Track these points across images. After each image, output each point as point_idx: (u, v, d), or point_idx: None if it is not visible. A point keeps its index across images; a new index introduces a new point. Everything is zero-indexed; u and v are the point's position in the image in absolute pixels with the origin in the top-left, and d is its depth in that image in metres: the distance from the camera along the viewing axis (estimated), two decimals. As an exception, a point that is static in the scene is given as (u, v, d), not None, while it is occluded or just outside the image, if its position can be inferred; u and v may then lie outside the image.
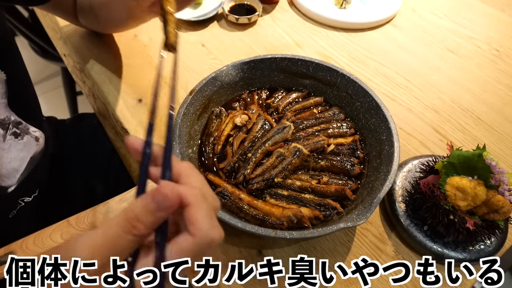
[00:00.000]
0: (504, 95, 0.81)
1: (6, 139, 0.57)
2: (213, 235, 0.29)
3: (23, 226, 0.63)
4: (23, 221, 0.63)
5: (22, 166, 0.61)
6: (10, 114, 0.58)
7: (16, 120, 0.59)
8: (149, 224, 0.28)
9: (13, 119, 0.59)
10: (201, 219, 0.28)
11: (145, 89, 0.77)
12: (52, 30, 0.96)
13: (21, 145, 0.60)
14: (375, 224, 0.60)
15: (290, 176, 0.59)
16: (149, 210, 0.28)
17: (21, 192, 0.62)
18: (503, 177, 0.50)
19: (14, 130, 0.59)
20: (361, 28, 0.95)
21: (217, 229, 0.29)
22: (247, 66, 0.68)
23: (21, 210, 0.62)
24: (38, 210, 0.66)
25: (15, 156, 0.59)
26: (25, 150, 0.61)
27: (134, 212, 0.27)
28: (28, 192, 0.63)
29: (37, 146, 0.64)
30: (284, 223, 0.52)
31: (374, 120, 0.62)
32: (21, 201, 0.62)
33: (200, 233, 0.28)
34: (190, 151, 0.60)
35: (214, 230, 0.29)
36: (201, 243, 0.28)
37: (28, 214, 0.63)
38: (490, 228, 0.51)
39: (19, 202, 0.61)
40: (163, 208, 0.28)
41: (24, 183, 0.61)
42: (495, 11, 1.03)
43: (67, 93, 1.67)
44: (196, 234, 0.28)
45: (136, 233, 0.27)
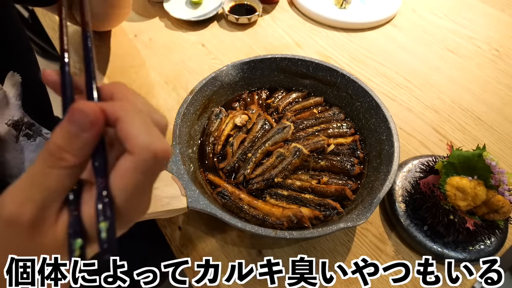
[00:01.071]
0: (504, 95, 0.81)
1: (19, 140, 0.58)
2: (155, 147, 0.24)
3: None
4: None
5: None
6: (23, 115, 0.59)
7: (29, 122, 0.60)
8: (78, 151, 0.24)
9: (26, 121, 0.59)
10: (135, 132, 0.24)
11: (145, 89, 0.77)
12: (52, 30, 0.96)
13: (33, 146, 0.60)
14: (375, 224, 0.60)
15: (290, 176, 0.59)
16: (70, 134, 0.23)
17: None
18: (503, 177, 0.50)
19: (27, 131, 0.59)
20: (361, 28, 0.95)
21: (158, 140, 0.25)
22: (247, 66, 0.68)
23: None
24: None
25: (28, 157, 0.60)
26: (37, 151, 0.62)
27: (55, 143, 0.23)
28: None
29: None
30: (284, 223, 0.52)
31: (374, 120, 0.62)
32: None
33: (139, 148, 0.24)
34: (190, 151, 0.60)
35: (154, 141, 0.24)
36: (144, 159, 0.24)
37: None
38: (490, 228, 0.51)
39: None
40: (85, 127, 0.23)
41: None
42: (495, 11, 1.03)
43: (67, 93, 1.67)
44: (135, 151, 0.24)
45: (64, 165, 0.23)
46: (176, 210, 0.49)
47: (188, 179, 0.51)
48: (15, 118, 0.57)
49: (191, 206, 0.49)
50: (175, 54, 0.85)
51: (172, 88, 0.78)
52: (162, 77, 0.80)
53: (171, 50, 0.86)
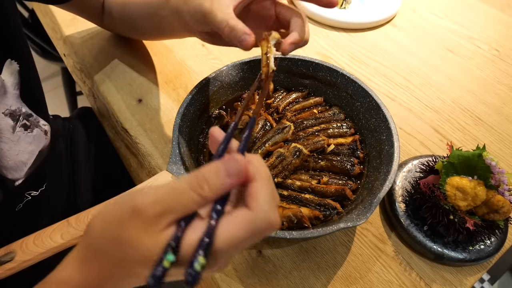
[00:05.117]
0: (504, 95, 0.81)
1: (15, 130, 0.56)
2: (272, 216, 0.27)
3: (29, 220, 0.64)
4: (30, 215, 0.63)
5: (30, 160, 0.60)
6: (21, 105, 0.57)
7: (27, 112, 0.59)
8: (214, 188, 0.27)
9: (24, 111, 0.58)
10: (263, 196, 0.28)
11: (145, 89, 0.77)
12: (52, 30, 0.96)
13: (30, 138, 0.59)
14: (375, 224, 0.60)
15: (290, 176, 0.59)
16: (218, 173, 0.27)
17: (29, 185, 0.61)
18: (503, 177, 0.50)
19: (24, 122, 0.58)
20: (361, 28, 0.95)
21: (275, 212, 0.28)
22: (247, 66, 0.68)
23: (28, 204, 0.61)
24: (44, 205, 0.66)
25: (24, 149, 0.59)
26: (34, 143, 0.61)
27: (203, 173, 0.27)
28: (35, 186, 0.63)
29: (46, 140, 0.64)
30: (284, 223, 0.52)
31: (374, 120, 0.62)
32: (28, 194, 0.61)
33: (259, 209, 0.27)
34: (190, 151, 0.60)
35: (273, 212, 0.28)
36: (258, 220, 0.27)
37: (34, 208, 0.64)
38: (490, 228, 0.51)
39: (26, 196, 0.61)
40: (232, 173, 0.27)
41: (31, 177, 0.61)
42: (495, 11, 1.03)
43: (67, 93, 1.67)
44: (254, 209, 0.27)
45: (200, 193, 0.27)
46: (176, 210, 0.49)
47: (188, 179, 0.51)
48: (13, 108, 0.55)
49: (191, 206, 0.49)
50: (175, 54, 0.85)
51: (172, 88, 0.78)
52: (162, 77, 0.80)
53: (171, 50, 0.86)
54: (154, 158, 0.66)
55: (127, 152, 0.73)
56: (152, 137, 0.69)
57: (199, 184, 0.27)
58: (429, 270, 0.55)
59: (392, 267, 0.55)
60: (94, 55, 0.83)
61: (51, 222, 0.45)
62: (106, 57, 0.83)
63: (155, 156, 0.66)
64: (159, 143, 0.68)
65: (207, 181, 0.27)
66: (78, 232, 0.45)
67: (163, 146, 0.68)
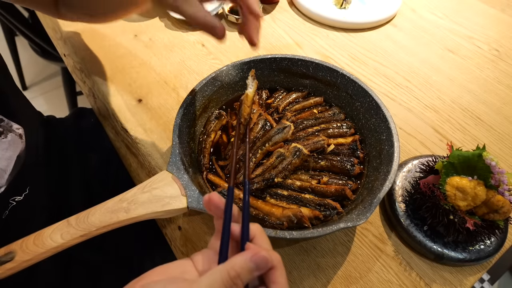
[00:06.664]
0: (504, 95, 0.81)
1: None
2: None
3: (18, 226, 0.62)
4: (18, 221, 0.62)
5: (9, 166, 0.59)
6: None
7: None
8: (245, 281, 0.32)
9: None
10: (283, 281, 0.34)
11: (145, 89, 0.77)
12: (52, 30, 0.96)
13: (6, 144, 0.58)
14: (375, 224, 0.60)
15: (290, 176, 0.59)
16: (249, 269, 0.32)
17: (11, 192, 0.60)
18: (503, 177, 0.50)
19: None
20: (361, 28, 0.95)
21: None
22: (247, 66, 0.68)
23: (14, 210, 0.60)
24: (31, 208, 0.65)
25: (1, 156, 0.57)
26: (10, 149, 0.59)
27: (235, 271, 0.32)
28: (18, 191, 0.61)
29: (22, 143, 0.62)
30: (284, 223, 0.52)
31: (374, 120, 0.62)
32: (12, 200, 0.60)
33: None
34: (190, 151, 0.60)
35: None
36: None
37: (22, 213, 0.62)
38: (490, 228, 0.51)
39: (10, 202, 0.60)
40: (261, 268, 0.33)
41: (13, 183, 0.59)
42: (495, 11, 1.03)
43: (67, 93, 1.67)
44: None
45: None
46: (176, 210, 0.49)
47: (188, 179, 0.51)
48: None
49: (191, 206, 0.49)
50: (175, 54, 0.85)
51: (172, 88, 0.78)
52: (162, 77, 0.80)
53: (171, 50, 0.86)
54: (154, 158, 0.66)
55: (127, 152, 0.73)
56: (152, 137, 0.69)
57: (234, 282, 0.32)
58: (429, 270, 0.55)
59: (392, 267, 0.55)
60: (94, 55, 0.83)
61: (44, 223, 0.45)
62: (106, 57, 0.83)
63: (155, 156, 0.66)
64: (159, 143, 0.68)
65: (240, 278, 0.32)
66: (78, 232, 0.45)
67: (163, 146, 0.68)
